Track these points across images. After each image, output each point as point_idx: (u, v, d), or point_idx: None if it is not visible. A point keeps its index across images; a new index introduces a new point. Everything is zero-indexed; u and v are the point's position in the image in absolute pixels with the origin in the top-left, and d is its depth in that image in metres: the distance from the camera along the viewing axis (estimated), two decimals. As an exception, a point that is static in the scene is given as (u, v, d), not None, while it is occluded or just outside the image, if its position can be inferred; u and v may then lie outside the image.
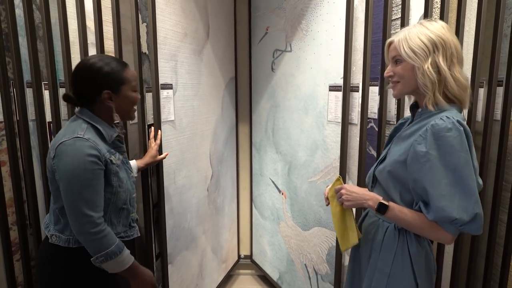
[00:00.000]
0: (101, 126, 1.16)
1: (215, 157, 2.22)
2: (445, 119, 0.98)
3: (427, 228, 1.02)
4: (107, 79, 1.14)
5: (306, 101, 1.90)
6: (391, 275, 1.10)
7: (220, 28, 2.23)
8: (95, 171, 1.09)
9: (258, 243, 2.57)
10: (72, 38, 1.47)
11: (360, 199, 1.12)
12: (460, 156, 0.95)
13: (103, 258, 1.11)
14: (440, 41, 1.03)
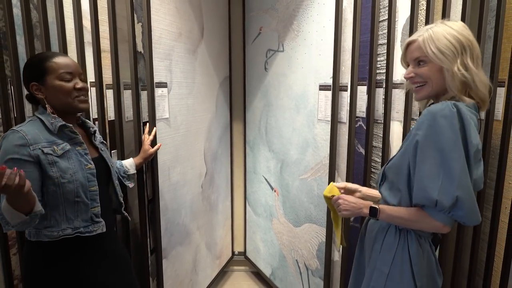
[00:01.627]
0: (45, 117, 1.17)
1: (209, 155, 2.26)
2: (442, 103, 0.97)
3: (417, 219, 1.01)
4: (31, 70, 1.18)
5: (298, 100, 1.93)
6: (389, 276, 1.09)
7: (215, 28, 2.26)
8: (17, 161, 1.09)
9: (252, 240, 2.61)
10: (69, 37, 1.49)
11: (356, 208, 1.15)
12: (447, 137, 0.92)
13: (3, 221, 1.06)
14: (468, 42, 1.01)
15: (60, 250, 1.19)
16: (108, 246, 1.33)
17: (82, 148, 1.23)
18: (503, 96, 1.42)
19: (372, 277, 1.13)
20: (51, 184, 1.14)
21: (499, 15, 1.39)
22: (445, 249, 1.58)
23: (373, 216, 1.10)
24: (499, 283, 1.46)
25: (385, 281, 1.09)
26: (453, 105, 0.95)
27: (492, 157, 1.47)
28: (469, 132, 0.93)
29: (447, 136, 0.92)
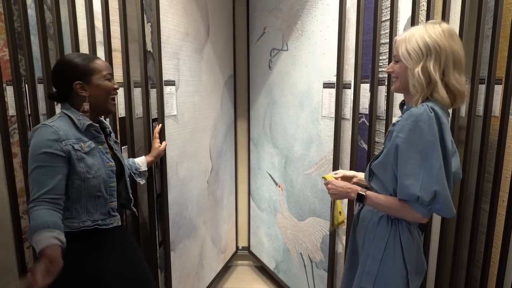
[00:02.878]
0: (75, 115, 1.23)
1: (214, 151, 2.31)
2: (420, 106, 1.05)
3: (399, 210, 1.11)
4: (77, 70, 1.22)
5: (302, 97, 1.99)
6: (382, 262, 1.17)
7: (220, 28, 2.31)
8: (50, 155, 1.14)
9: (256, 235, 2.66)
10: (81, 37, 1.54)
11: (344, 192, 1.25)
12: (426, 139, 1.01)
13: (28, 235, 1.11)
14: (435, 47, 1.06)
15: (78, 241, 1.24)
16: (122, 238, 1.39)
17: (103, 147, 1.30)
18: (500, 93, 1.47)
19: (367, 263, 1.20)
20: (77, 179, 1.20)
21: (497, 15, 1.44)
22: (445, 241, 1.64)
23: (359, 201, 1.20)
24: (496, 274, 1.51)
25: (378, 266, 1.17)
26: (431, 109, 1.03)
27: (490, 152, 1.52)
28: (445, 134, 1.03)
29: (427, 139, 1.02)
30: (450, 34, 1.09)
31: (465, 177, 1.55)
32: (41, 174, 1.13)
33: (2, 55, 1.47)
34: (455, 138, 1.55)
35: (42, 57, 1.48)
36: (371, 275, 1.18)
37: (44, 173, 1.14)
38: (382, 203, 1.14)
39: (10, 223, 1.53)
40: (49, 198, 1.14)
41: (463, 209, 1.57)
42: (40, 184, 1.13)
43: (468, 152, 1.56)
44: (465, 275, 1.65)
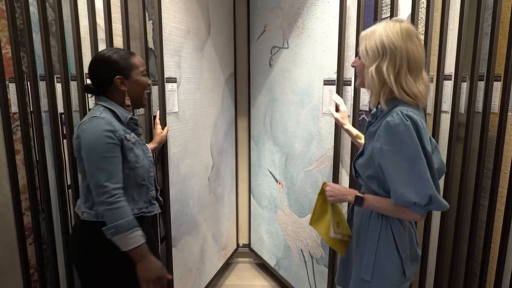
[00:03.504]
0: (116, 108, 1.28)
1: (215, 149, 2.33)
2: (395, 115, 1.06)
3: (397, 212, 1.14)
4: (117, 65, 1.26)
5: (302, 95, 2.00)
6: (377, 252, 1.21)
7: (221, 25, 2.32)
8: (111, 145, 1.20)
9: (256, 232, 2.68)
10: (83, 34, 1.55)
11: (341, 195, 1.27)
12: (410, 148, 1.04)
13: (113, 230, 1.16)
14: (391, 47, 1.07)
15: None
16: (149, 227, 1.46)
17: (140, 139, 1.37)
18: (499, 90, 1.49)
19: (364, 255, 1.24)
20: (126, 168, 1.26)
21: (496, 13, 1.46)
22: (444, 236, 1.65)
23: (357, 204, 1.21)
24: (495, 269, 1.53)
25: (374, 257, 1.21)
26: (406, 117, 1.04)
27: (489, 148, 1.54)
28: (423, 138, 1.05)
29: (411, 148, 1.04)
30: (408, 34, 1.08)
31: (465, 173, 1.57)
32: (108, 164, 1.18)
33: (4, 53, 1.47)
34: (455, 134, 1.57)
35: (44, 55, 1.49)
36: (369, 266, 1.22)
37: (110, 163, 1.19)
38: (380, 205, 1.17)
39: (13, 220, 1.54)
40: (122, 190, 1.21)
41: (462, 204, 1.59)
42: (109, 174, 1.18)
43: (467, 148, 1.57)
44: (465, 270, 1.66)
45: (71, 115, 1.58)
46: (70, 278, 1.67)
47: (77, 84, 1.58)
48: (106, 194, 1.17)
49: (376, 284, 1.22)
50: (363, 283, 1.24)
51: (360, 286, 1.25)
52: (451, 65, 1.57)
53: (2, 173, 1.50)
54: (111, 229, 1.17)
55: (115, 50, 1.30)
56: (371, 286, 1.22)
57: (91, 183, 1.20)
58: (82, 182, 1.31)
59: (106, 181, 1.18)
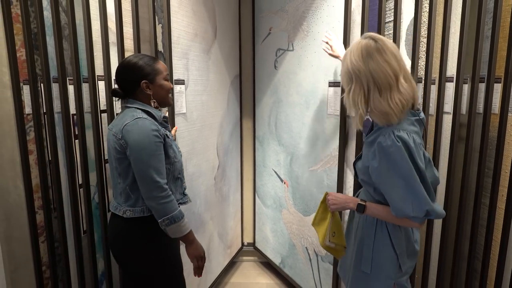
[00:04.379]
0: (150, 109, 1.36)
1: (221, 149, 2.37)
2: (387, 136, 1.11)
3: (397, 221, 1.20)
4: (143, 71, 1.33)
5: (308, 96, 2.04)
6: (374, 247, 1.28)
7: (227, 28, 2.36)
8: (158, 143, 1.28)
9: (261, 231, 2.72)
10: (95, 38, 1.59)
11: (344, 203, 1.32)
12: (403, 166, 1.09)
13: (168, 221, 1.29)
14: (355, 72, 1.13)
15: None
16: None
17: (171, 136, 1.43)
18: (499, 92, 1.53)
19: (363, 250, 1.30)
20: (167, 163, 1.35)
21: (496, 16, 1.49)
22: (446, 234, 1.69)
23: (359, 211, 1.27)
24: (496, 266, 1.56)
25: (371, 252, 1.28)
26: (397, 138, 1.09)
27: (490, 148, 1.57)
28: (416, 157, 1.09)
29: (403, 167, 1.09)
30: (368, 53, 1.11)
31: (466, 173, 1.61)
32: (157, 161, 1.28)
33: (19, 55, 1.51)
34: (456, 135, 1.60)
35: (57, 57, 1.53)
36: (368, 260, 1.28)
37: (159, 160, 1.29)
38: (381, 214, 1.23)
39: (26, 218, 1.57)
40: (166, 184, 1.31)
41: (464, 203, 1.63)
42: (158, 170, 1.28)
43: (468, 148, 1.61)
44: (466, 267, 1.70)
45: (83, 116, 1.62)
46: (81, 276, 1.71)
47: (89, 86, 1.62)
48: (159, 189, 1.27)
49: (374, 277, 1.29)
50: (363, 274, 1.31)
51: (360, 277, 1.32)
52: (452, 68, 1.61)
53: (17, 174, 1.53)
54: (166, 220, 1.29)
55: (141, 57, 1.37)
56: (370, 278, 1.29)
57: (142, 180, 1.28)
58: (118, 182, 1.37)
59: (157, 176, 1.27)
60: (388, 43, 1.13)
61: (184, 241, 1.38)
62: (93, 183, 1.72)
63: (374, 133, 1.20)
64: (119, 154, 1.31)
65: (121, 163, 1.32)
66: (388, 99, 1.11)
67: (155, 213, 1.31)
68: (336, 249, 1.39)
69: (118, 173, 1.35)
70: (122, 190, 1.36)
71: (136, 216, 1.35)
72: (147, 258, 1.39)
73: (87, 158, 1.67)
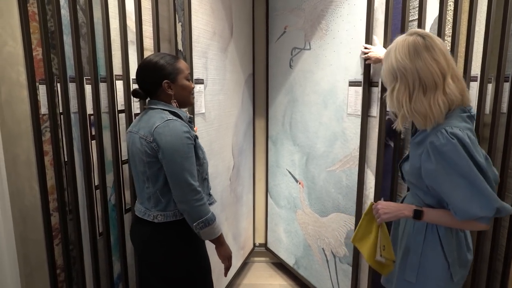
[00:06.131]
0: (177, 110, 1.33)
1: (236, 149, 2.34)
2: (439, 135, 1.05)
3: (461, 225, 1.11)
4: (164, 70, 1.30)
5: (326, 95, 2.02)
6: (423, 254, 1.19)
7: (242, 27, 2.34)
8: (190, 146, 1.26)
9: (274, 231, 2.70)
10: (113, 36, 1.56)
11: (397, 211, 1.20)
12: (462, 164, 1.02)
13: (202, 224, 1.27)
14: (401, 71, 1.08)
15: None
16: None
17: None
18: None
19: (408, 257, 1.23)
20: (197, 165, 1.33)
21: (523, 15, 1.48)
22: (469, 235, 1.68)
23: (416, 218, 1.16)
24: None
25: (419, 259, 1.19)
26: (451, 136, 1.03)
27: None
28: (474, 154, 1.03)
29: (462, 165, 1.02)
30: (416, 50, 1.07)
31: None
32: (190, 163, 1.26)
33: (35, 54, 1.48)
34: (480, 135, 1.59)
35: (74, 56, 1.50)
36: (414, 268, 1.20)
37: (191, 163, 1.27)
38: (441, 219, 1.14)
39: (41, 220, 1.55)
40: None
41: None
42: (192, 173, 1.26)
43: (492, 148, 1.60)
44: (487, 268, 1.69)
45: (100, 116, 1.59)
46: (96, 279, 1.68)
47: (107, 85, 1.59)
48: (193, 192, 1.25)
49: (420, 286, 1.21)
50: (407, 285, 1.23)
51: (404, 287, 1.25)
52: (477, 67, 1.60)
53: (32, 175, 1.51)
54: (201, 224, 1.28)
55: (161, 56, 1.33)
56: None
57: (176, 184, 1.25)
58: (146, 187, 1.34)
59: (191, 179, 1.25)
60: (437, 40, 1.09)
61: (216, 242, 1.37)
62: (110, 184, 1.69)
63: (421, 133, 1.15)
64: (150, 157, 1.28)
65: (151, 166, 1.29)
66: (430, 100, 1.06)
67: (188, 216, 1.29)
68: (386, 264, 1.28)
69: (147, 177, 1.32)
70: (152, 194, 1.33)
71: (169, 220, 1.33)
72: (185, 261, 1.37)
73: (104, 159, 1.64)
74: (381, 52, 1.59)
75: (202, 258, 1.44)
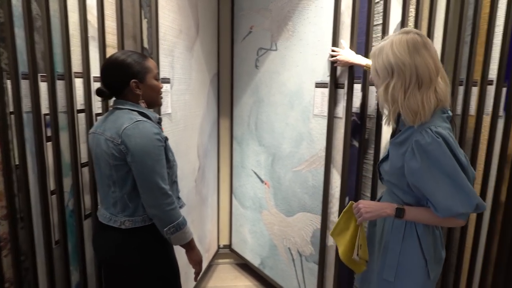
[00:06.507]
0: (145, 110, 1.27)
1: (201, 150, 2.29)
2: (425, 133, 1.07)
3: (441, 222, 1.14)
4: (132, 69, 1.23)
5: (292, 96, 2.04)
6: (401, 253, 1.20)
7: (207, 25, 2.29)
8: (161, 148, 1.20)
9: (239, 232, 2.68)
10: (72, 31, 1.47)
11: (379, 209, 1.21)
12: (446, 163, 1.05)
13: (174, 229, 1.22)
14: (399, 65, 1.08)
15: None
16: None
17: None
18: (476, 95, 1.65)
19: (387, 256, 1.24)
20: (168, 168, 1.27)
21: (475, 24, 1.60)
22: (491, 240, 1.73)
23: (398, 216, 1.18)
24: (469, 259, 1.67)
25: (398, 258, 1.21)
26: (436, 135, 1.06)
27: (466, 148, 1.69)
28: (457, 153, 1.07)
29: (447, 163, 1.06)
30: (415, 47, 1.08)
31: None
32: (161, 166, 1.20)
33: (-18, 48, 1.35)
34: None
35: (28, 51, 1.39)
36: (392, 267, 1.21)
37: (162, 165, 1.21)
38: (422, 217, 1.16)
39: None
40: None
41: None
42: (163, 176, 1.20)
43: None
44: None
45: (57, 116, 1.49)
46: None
47: (65, 83, 1.49)
48: (164, 196, 1.20)
49: (400, 285, 1.22)
50: (386, 284, 1.24)
51: (383, 287, 1.25)
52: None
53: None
54: (172, 228, 1.22)
55: (129, 53, 1.26)
56: (394, 287, 1.23)
57: (146, 188, 1.19)
58: (112, 191, 1.26)
59: (162, 182, 1.20)
60: (430, 41, 1.12)
61: (187, 247, 1.33)
62: (67, 189, 1.58)
63: (403, 133, 1.16)
64: (117, 160, 1.21)
65: (118, 170, 1.22)
66: (423, 96, 1.08)
67: (159, 221, 1.23)
68: (360, 263, 1.29)
69: (113, 181, 1.25)
70: (119, 199, 1.26)
71: (137, 226, 1.26)
72: (156, 268, 1.31)
73: (60, 162, 1.53)
74: (349, 55, 1.63)
75: (173, 263, 1.39)
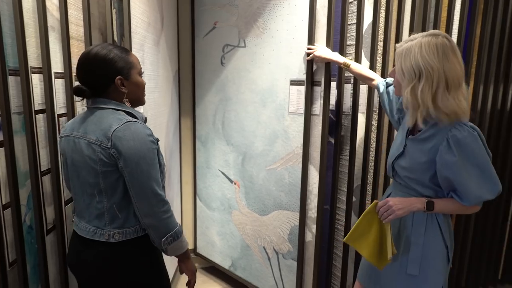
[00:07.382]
0: (131, 110, 1.15)
1: (168, 151, 2.16)
2: (460, 128, 1.12)
3: (466, 209, 1.19)
4: (116, 64, 1.10)
5: (264, 94, 2.01)
6: (424, 245, 1.22)
7: (170, 19, 2.17)
8: (154, 151, 1.10)
9: (205, 235, 2.59)
10: (26, 19, 1.28)
11: (409, 205, 1.20)
12: (481, 155, 1.12)
13: (171, 239, 1.12)
14: (427, 69, 1.09)
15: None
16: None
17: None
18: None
19: (410, 250, 1.25)
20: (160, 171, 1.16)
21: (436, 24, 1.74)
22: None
23: (429, 209, 1.19)
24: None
25: (421, 251, 1.23)
26: (472, 128, 1.13)
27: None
28: (486, 145, 1.14)
29: (481, 155, 1.12)
30: (444, 52, 1.10)
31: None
32: (156, 171, 1.10)
33: None
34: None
35: (-28, 42, 1.18)
36: (416, 261, 1.23)
37: (157, 170, 1.10)
38: (451, 207, 1.20)
39: None
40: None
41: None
42: (158, 181, 1.11)
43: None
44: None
45: (10, 117, 1.28)
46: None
47: (21, 80, 1.29)
48: (161, 203, 1.09)
49: (424, 277, 1.23)
50: (409, 278, 1.25)
51: (407, 282, 1.26)
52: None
53: None
54: (169, 238, 1.13)
55: (110, 48, 1.12)
56: (419, 280, 1.24)
57: (142, 195, 1.07)
58: (98, 201, 1.12)
59: (158, 188, 1.09)
60: (456, 45, 1.14)
61: (182, 257, 1.23)
62: (24, 202, 1.38)
63: (429, 130, 1.18)
64: (106, 166, 1.07)
65: (107, 177, 1.09)
66: (455, 97, 1.11)
67: (154, 231, 1.11)
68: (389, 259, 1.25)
69: (99, 190, 1.11)
70: (106, 209, 1.12)
71: (129, 238, 1.13)
72: (149, 283, 1.20)
73: (16, 170, 1.33)
74: (326, 52, 1.65)
75: (166, 276, 1.28)
